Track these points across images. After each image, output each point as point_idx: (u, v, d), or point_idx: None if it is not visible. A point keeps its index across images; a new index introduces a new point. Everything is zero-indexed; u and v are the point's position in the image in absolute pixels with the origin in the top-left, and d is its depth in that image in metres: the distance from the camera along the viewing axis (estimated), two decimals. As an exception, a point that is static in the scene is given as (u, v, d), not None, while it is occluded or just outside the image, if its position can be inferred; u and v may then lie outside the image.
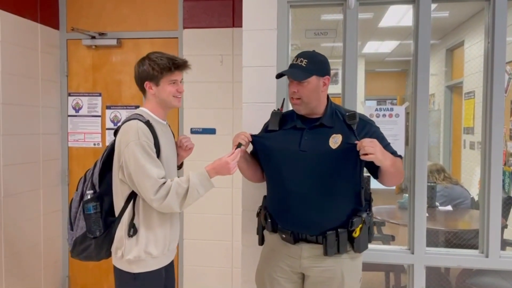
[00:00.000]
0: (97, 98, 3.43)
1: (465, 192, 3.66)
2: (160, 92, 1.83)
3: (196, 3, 3.21)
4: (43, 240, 3.22)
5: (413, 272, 2.24)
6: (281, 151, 1.79)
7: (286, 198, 1.78)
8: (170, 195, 1.71)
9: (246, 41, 2.27)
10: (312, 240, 1.77)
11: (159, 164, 1.76)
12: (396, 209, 3.67)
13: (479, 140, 3.72)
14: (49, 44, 3.29)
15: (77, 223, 1.82)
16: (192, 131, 3.24)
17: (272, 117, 1.91)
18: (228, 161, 1.75)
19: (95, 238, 1.79)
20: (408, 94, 2.62)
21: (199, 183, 1.75)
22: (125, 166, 1.73)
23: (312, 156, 1.73)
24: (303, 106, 1.78)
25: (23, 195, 3.02)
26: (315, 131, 1.78)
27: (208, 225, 3.25)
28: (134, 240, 1.77)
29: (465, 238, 2.93)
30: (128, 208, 1.78)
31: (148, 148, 1.73)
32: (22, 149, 2.99)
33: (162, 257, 1.85)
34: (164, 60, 1.81)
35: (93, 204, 1.78)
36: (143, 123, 1.76)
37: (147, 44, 3.33)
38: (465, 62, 5.16)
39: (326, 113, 1.80)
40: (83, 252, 1.84)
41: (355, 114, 1.77)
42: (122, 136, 1.76)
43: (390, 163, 1.66)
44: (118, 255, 1.80)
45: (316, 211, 1.74)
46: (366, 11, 4.90)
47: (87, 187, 1.83)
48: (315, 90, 1.75)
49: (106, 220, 1.81)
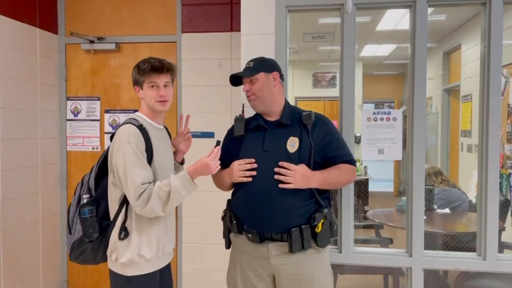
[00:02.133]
0: (95, 102, 3.43)
1: (462, 195, 3.68)
2: (144, 95, 1.86)
3: (195, 7, 3.22)
4: (42, 244, 3.21)
5: (411, 275, 2.25)
6: (246, 153, 1.89)
7: (252, 198, 1.86)
8: (152, 199, 1.71)
9: (244, 46, 2.29)
10: (278, 238, 1.84)
11: (146, 167, 1.76)
12: (394, 212, 3.68)
13: (476, 143, 3.74)
14: (48, 49, 3.30)
15: (74, 227, 1.85)
16: (190, 134, 3.25)
17: (236, 123, 2.00)
18: (208, 162, 1.78)
19: (91, 242, 1.82)
20: (406, 97, 2.64)
21: (181, 185, 1.74)
22: (115, 169, 1.76)
23: (274, 157, 1.83)
24: (258, 101, 1.90)
25: (22, 199, 3.01)
26: (275, 132, 1.90)
27: (207, 228, 3.25)
28: (126, 243, 1.78)
29: (463, 240, 2.94)
30: (122, 212, 1.80)
31: (138, 151, 1.74)
32: (21, 153, 3.00)
33: (156, 260, 1.85)
34: (146, 64, 1.83)
35: (89, 208, 1.81)
36: (136, 127, 1.77)
37: (146, 48, 3.34)
38: (462, 65, 5.19)
39: (283, 112, 1.93)
40: (80, 256, 1.88)
41: (310, 114, 1.91)
42: (115, 140, 1.80)
43: (320, 182, 1.83)
44: (112, 258, 1.81)
45: (279, 209, 1.82)
46: (363, 15, 4.92)
47: (84, 192, 1.86)
48: (265, 85, 1.89)
49: (101, 224, 1.84)
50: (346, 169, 1.91)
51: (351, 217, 2.30)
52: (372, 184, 6.21)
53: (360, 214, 4.53)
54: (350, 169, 1.93)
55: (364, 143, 2.30)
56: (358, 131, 2.42)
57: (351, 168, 1.94)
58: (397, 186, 8.41)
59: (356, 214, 2.43)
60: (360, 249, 2.36)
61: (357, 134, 2.55)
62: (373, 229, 3.68)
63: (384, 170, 7.90)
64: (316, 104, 8.27)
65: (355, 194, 2.33)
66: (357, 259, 2.33)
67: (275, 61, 2.02)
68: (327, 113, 8.25)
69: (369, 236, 3.70)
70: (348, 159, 1.93)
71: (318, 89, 8.35)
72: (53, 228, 3.37)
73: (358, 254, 2.33)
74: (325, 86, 8.33)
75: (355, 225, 2.38)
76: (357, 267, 2.42)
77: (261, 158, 1.85)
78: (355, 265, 2.45)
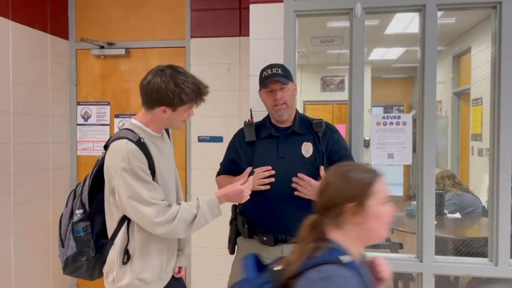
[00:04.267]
0: (105, 107, 3.46)
1: (476, 200, 3.62)
2: (174, 117, 1.69)
3: (204, 12, 3.24)
4: (52, 247, 3.24)
5: (422, 281, 2.23)
6: (261, 160, 1.90)
7: (269, 204, 1.87)
8: (177, 220, 1.59)
9: (253, 50, 2.30)
10: (292, 241, 1.80)
11: (155, 188, 1.62)
12: (404, 217, 3.65)
13: (487, 147, 3.70)
14: (59, 54, 3.34)
15: (67, 242, 1.69)
16: (199, 139, 3.26)
17: (246, 128, 2.00)
18: (243, 189, 1.69)
19: (87, 260, 1.68)
20: (415, 101, 2.62)
21: (208, 210, 1.65)
22: (117, 192, 1.60)
23: (290, 162, 1.87)
24: (288, 110, 1.91)
25: (33, 203, 3.04)
26: (289, 139, 1.92)
27: (216, 232, 3.24)
28: (128, 266, 1.65)
29: (474, 246, 2.90)
30: (122, 232, 1.65)
31: (142, 172, 1.58)
32: (32, 157, 3.03)
33: (158, 282, 1.74)
34: (191, 90, 1.64)
35: (83, 226, 1.65)
36: (134, 143, 1.59)
37: (155, 53, 3.36)
38: (472, 68, 5.15)
39: (295, 121, 1.95)
40: (75, 272, 1.74)
41: (321, 122, 1.94)
42: (111, 159, 1.62)
43: None
44: (109, 279, 1.69)
45: (296, 213, 1.77)
46: (372, 18, 4.91)
47: (77, 206, 1.69)
48: (293, 94, 1.94)
49: (97, 242, 1.69)
50: None
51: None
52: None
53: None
54: None
55: (373, 148, 2.29)
56: (366, 135, 2.41)
57: None
58: (406, 190, 8.34)
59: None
60: (370, 254, 2.34)
61: (366, 138, 2.54)
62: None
63: (393, 174, 7.84)
64: (324, 107, 8.26)
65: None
66: (367, 264, 2.31)
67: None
68: (335, 116, 8.23)
69: (378, 241, 3.67)
70: None
71: (327, 92, 8.35)
72: (63, 232, 3.39)
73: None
74: (334, 90, 8.32)
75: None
76: (366, 272, 2.39)
77: (277, 164, 1.87)
78: (365, 270, 2.43)
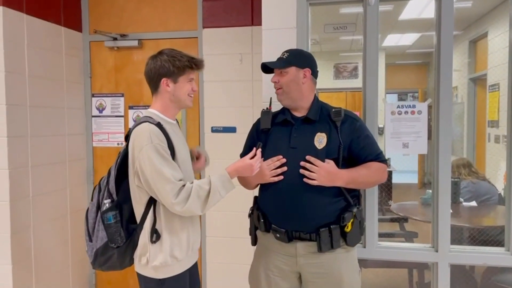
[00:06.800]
0: (119, 98, 3.49)
1: (492, 188, 3.58)
2: (177, 90, 1.80)
3: (216, 2, 3.22)
4: (71, 238, 3.31)
5: (437, 271, 2.22)
6: (273, 149, 1.85)
7: (279, 197, 1.82)
8: (192, 198, 1.67)
9: (266, 40, 2.28)
10: (306, 238, 1.80)
11: (175, 167, 1.72)
12: (419, 205, 3.63)
13: (504, 134, 3.64)
14: (73, 47, 3.36)
15: (96, 234, 1.77)
16: (212, 129, 3.27)
17: (262, 116, 1.96)
18: (252, 163, 1.75)
19: (118, 247, 1.75)
20: (430, 87, 2.58)
21: (221, 184, 1.72)
22: (141, 171, 1.69)
23: (301, 153, 1.79)
24: (285, 96, 1.86)
25: (51, 194, 3.10)
26: (302, 128, 1.85)
27: (230, 222, 3.27)
28: (158, 245, 1.74)
29: (491, 235, 2.87)
30: (149, 214, 1.75)
31: (163, 150, 1.68)
32: (49, 150, 3.08)
33: (187, 259, 1.84)
34: (184, 58, 1.78)
35: (113, 214, 1.74)
36: (154, 125, 1.71)
37: (168, 44, 3.31)
38: (489, 53, 5.04)
39: (311, 108, 1.87)
40: (105, 263, 1.80)
41: (340, 110, 1.85)
42: (134, 141, 1.72)
43: (346, 181, 1.78)
44: (142, 262, 1.76)
45: (307, 207, 1.78)
46: (386, 4, 4.82)
47: (104, 197, 1.78)
48: (294, 80, 1.84)
49: (128, 228, 1.78)
50: (376, 167, 1.84)
51: (375, 212, 2.28)
52: (395, 176, 6.11)
53: (384, 207, 4.49)
54: (380, 167, 1.86)
55: (388, 137, 2.27)
56: (381, 122, 2.39)
57: (381, 167, 1.86)
58: (421, 178, 8.26)
59: (380, 207, 2.39)
60: (384, 243, 2.34)
61: (380, 126, 2.52)
62: (397, 222, 3.63)
63: (408, 161, 7.75)
64: (337, 95, 8.18)
65: (378, 187, 2.30)
66: (382, 254, 2.30)
67: (312, 57, 1.94)
68: (349, 104, 8.15)
69: (393, 229, 3.66)
70: (377, 156, 1.86)
71: (340, 80, 8.25)
72: (81, 222, 3.40)
73: (383, 249, 2.30)
74: (347, 77, 8.22)
75: (379, 219, 2.35)
76: (381, 261, 2.39)
77: (288, 154, 1.81)
78: (379, 259, 2.43)
